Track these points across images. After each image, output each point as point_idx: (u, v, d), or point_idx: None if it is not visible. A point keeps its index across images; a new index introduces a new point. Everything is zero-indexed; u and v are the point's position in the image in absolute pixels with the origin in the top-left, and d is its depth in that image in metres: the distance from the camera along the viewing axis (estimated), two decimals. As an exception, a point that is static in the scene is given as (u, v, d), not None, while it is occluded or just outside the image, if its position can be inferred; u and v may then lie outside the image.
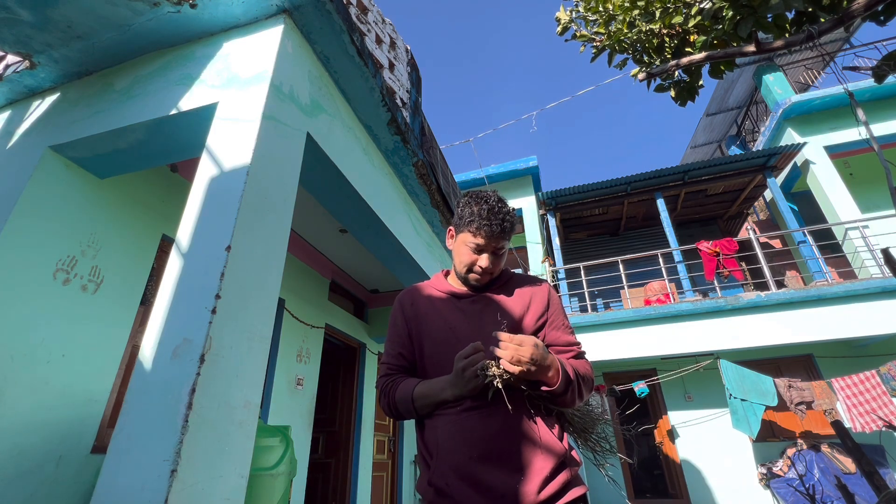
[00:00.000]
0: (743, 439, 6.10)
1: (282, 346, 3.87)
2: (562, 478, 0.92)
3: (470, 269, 1.10)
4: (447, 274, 1.23)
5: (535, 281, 1.18)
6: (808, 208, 7.73)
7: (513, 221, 1.09)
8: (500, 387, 0.88)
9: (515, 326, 1.07)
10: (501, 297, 1.12)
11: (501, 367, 0.89)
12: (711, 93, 9.30)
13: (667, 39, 2.31)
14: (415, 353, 1.12)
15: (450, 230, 1.18)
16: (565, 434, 1.01)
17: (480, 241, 1.06)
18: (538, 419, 0.96)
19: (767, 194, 8.65)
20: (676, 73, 2.37)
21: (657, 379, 6.16)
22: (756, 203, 9.14)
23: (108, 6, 1.83)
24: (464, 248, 1.10)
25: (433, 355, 1.07)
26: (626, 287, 6.32)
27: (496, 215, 1.05)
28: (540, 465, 0.91)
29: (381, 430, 5.37)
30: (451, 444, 0.95)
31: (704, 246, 6.28)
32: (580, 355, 1.09)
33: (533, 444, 0.93)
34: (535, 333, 1.08)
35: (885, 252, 2.48)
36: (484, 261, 1.08)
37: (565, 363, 0.98)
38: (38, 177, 1.98)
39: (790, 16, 2.01)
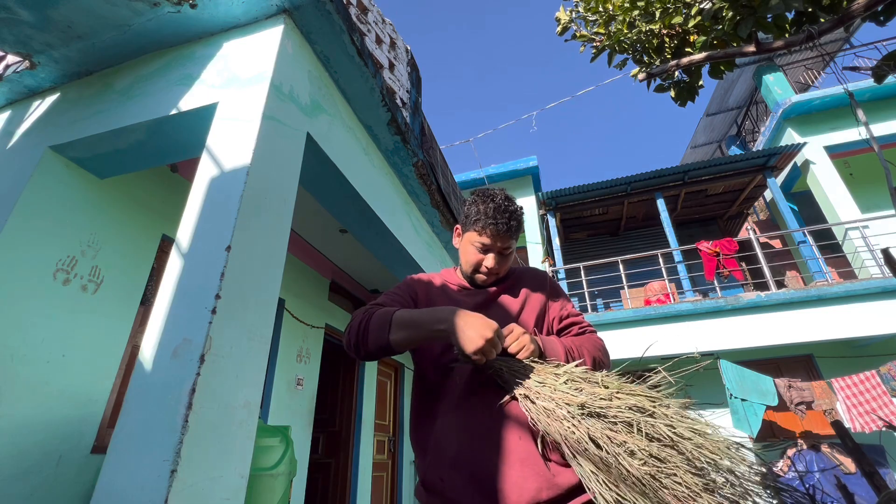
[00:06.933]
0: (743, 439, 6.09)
1: (282, 346, 3.87)
2: (567, 478, 0.85)
3: (476, 269, 1.10)
4: (456, 269, 1.24)
5: (536, 274, 1.19)
6: (808, 208, 7.73)
7: (520, 220, 1.08)
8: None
9: (518, 323, 1.06)
10: (506, 295, 1.12)
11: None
12: (711, 93, 9.31)
13: (667, 39, 2.31)
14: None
15: (457, 228, 1.18)
16: None
17: (486, 240, 1.06)
18: None
19: (767, 194, 8.64)
20: (676, 73, 2.38)
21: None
22: (756, 203, 9.14)
23: (108, 6, 1.83)
24: (470, 247, 1.09)
25: None
26: (626, 287, 6.31)
27: (502, 214, 1.04)
28: (543, 463, 0.86)
29: (381, 430, 5.37)
30: (449, 434, 0.91)
31: (704, 246, 6.28)
32: (586, 331, 1.09)
33: (536, 438, 0.88)
34: (538, 324, 1.08)
35: (885, 252, 2.48)
36: (490, 261, 1.07)
37: (554, 340, 0.98)
38: (38, 177, 1.98)
39: (790, 16, 2.01)
